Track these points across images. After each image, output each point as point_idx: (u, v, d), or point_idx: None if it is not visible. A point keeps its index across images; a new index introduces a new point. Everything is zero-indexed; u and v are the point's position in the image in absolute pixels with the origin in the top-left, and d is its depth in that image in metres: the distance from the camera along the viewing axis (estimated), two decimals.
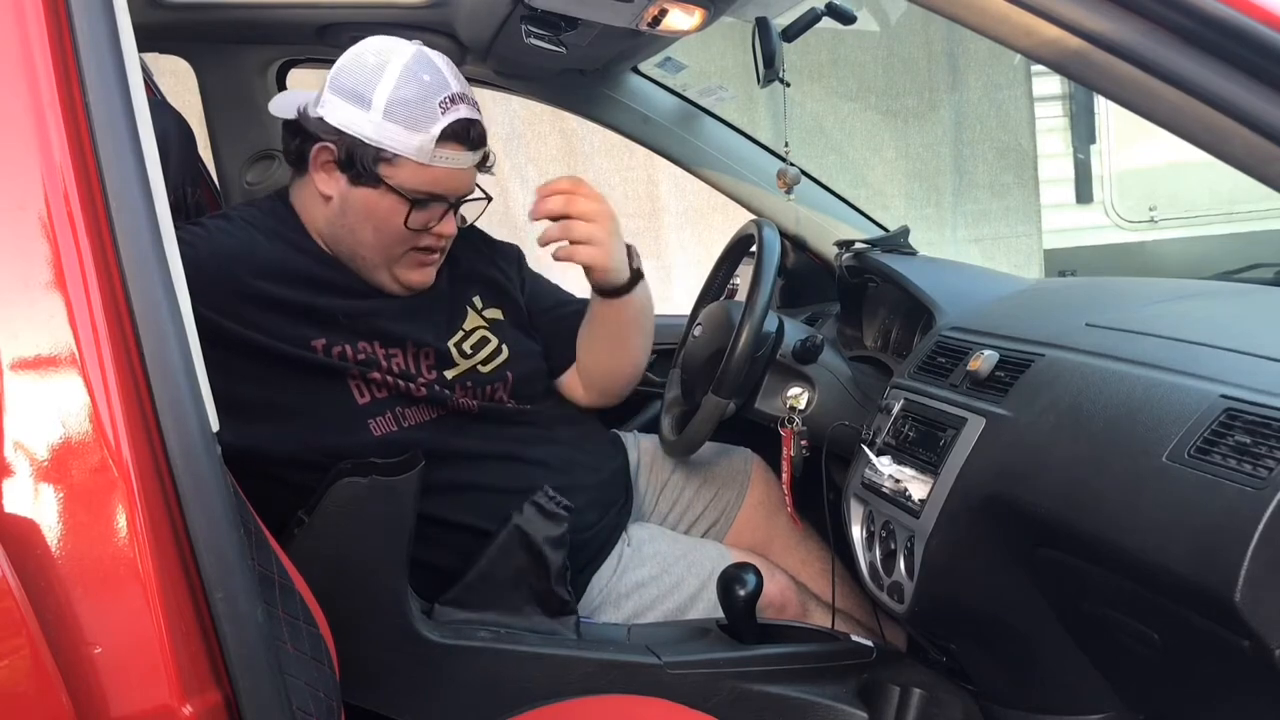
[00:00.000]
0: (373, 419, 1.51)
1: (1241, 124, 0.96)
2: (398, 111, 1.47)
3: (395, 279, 1.58)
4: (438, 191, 1.53)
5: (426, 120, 1.48)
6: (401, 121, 1.47)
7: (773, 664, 1.45)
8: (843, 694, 1.44)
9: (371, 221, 1.53)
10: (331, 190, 1.54)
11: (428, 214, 1.54)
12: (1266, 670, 0.96)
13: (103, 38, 0.87)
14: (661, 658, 1.42)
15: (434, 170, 1.51)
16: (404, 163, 1.49)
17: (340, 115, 1.49)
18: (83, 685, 0.83)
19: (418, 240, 1.56)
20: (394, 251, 1.56)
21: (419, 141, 1.48)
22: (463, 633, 1.41)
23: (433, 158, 1.49)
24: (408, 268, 1.58)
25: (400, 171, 1.50)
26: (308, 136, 1.53)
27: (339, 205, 1.54)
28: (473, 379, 1.61)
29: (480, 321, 1.68)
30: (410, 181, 1.51)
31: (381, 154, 1.49)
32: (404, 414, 1.54)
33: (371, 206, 1.52)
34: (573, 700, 1.36)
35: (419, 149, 1.48)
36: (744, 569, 1.51)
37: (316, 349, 1.50)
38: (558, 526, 1.47)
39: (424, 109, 1.48)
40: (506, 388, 1.64)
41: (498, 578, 1.46)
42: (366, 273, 1.58)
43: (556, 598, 1.47)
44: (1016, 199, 4.79)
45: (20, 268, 0.85)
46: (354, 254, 1.57)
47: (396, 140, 1.48)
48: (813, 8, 1.85)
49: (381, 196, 1.51)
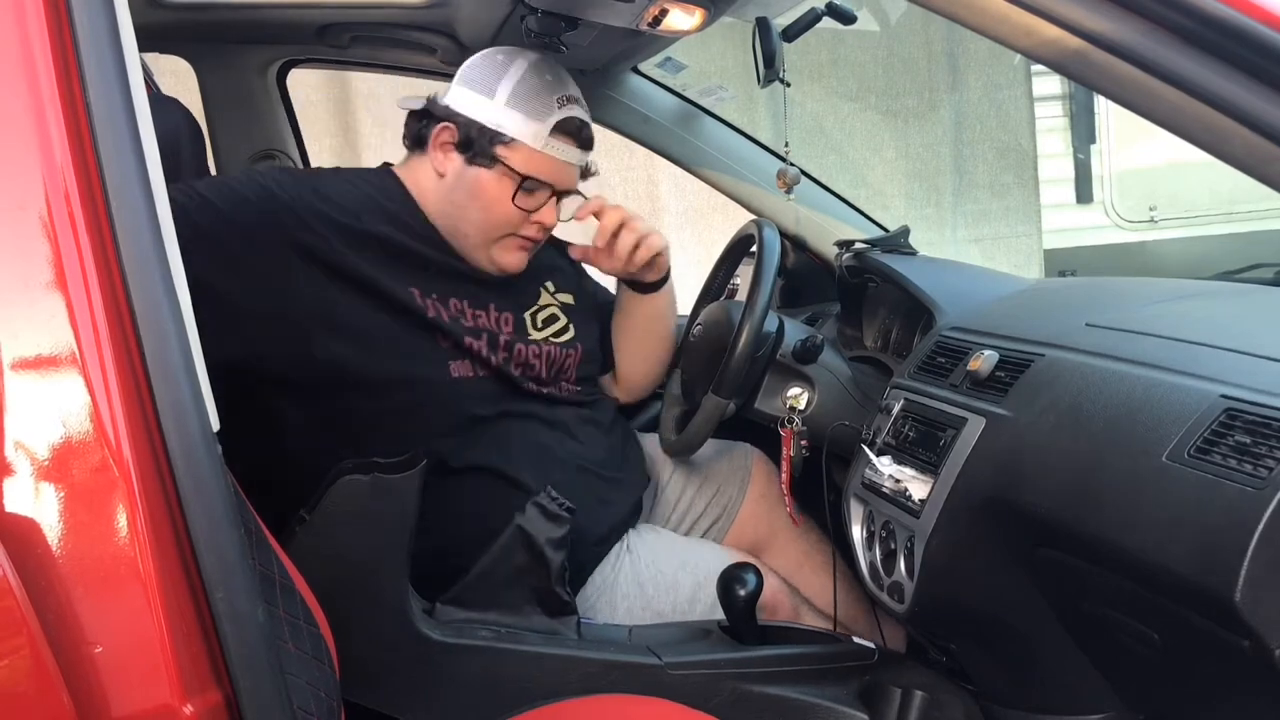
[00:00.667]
0: (454, 361, 1.61)
1: (1241, 124, 0.96)
2: (519, 101, 1.61)
3: (491, 260, 1.68)
4: (545, 179, 1.64)
5: (545, 111, 1.62)
6: (522, 110, 1.61)
7: (774, 665, 1.45)
8: (844, 696, 1.44)
9: (481, 200, 1.64)
10: (446, 169, 1.65)
11: (533, 199, 1.65)
12: (1266, 670, 0.96)
13: (103, 37, 0.87)
14: (662, 658, 1.42)
15: (545, 158, 1.63)
16: (519, 147, 1.62)
17: (465, 102, 1.63)
18: (83, 685, 0.83)
19: (520, 226, 1.66)
20: (495, 233, 1.66)
21: (535, 129, 1.61)
22: (464, 632, 1.41)
23: (546, 145, 1.62)
24: (505, 250, 1.68)
25: (515, 154, 1.62)
26: (431, 119, 1.65)
27: (452, 182, 1.65)
28: (547, 347, 1.70)
29: (553, 301, 1.79)
30: (522, 165, 1.62)
31: (500, 137, 1.61)
32: (478, 368, 1.63)
33: (483, 185, 1.63)
34: (573, 700, 1.36)
35: (535, 135, 1.61)
36: (744, 569, 1.51)
37: (414, 294, 1.59)
38: (559, 528, 1.48)
39: (543, 101, 1.62)
40: (575, 361, 1.74)
41: (499, 577, 1.46)
42: (466, 251, 1.67)
43: (557, 598, 1.48)
44: (1016, 199, 4.79)
45: (20, 267, 0.85)
46: (457, 230, 1.66)
47: (515, 125, 1.61)
48: (813, 8, 1.85)
49: (493, 177, 1.63)
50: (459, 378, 1.61)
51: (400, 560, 1.34)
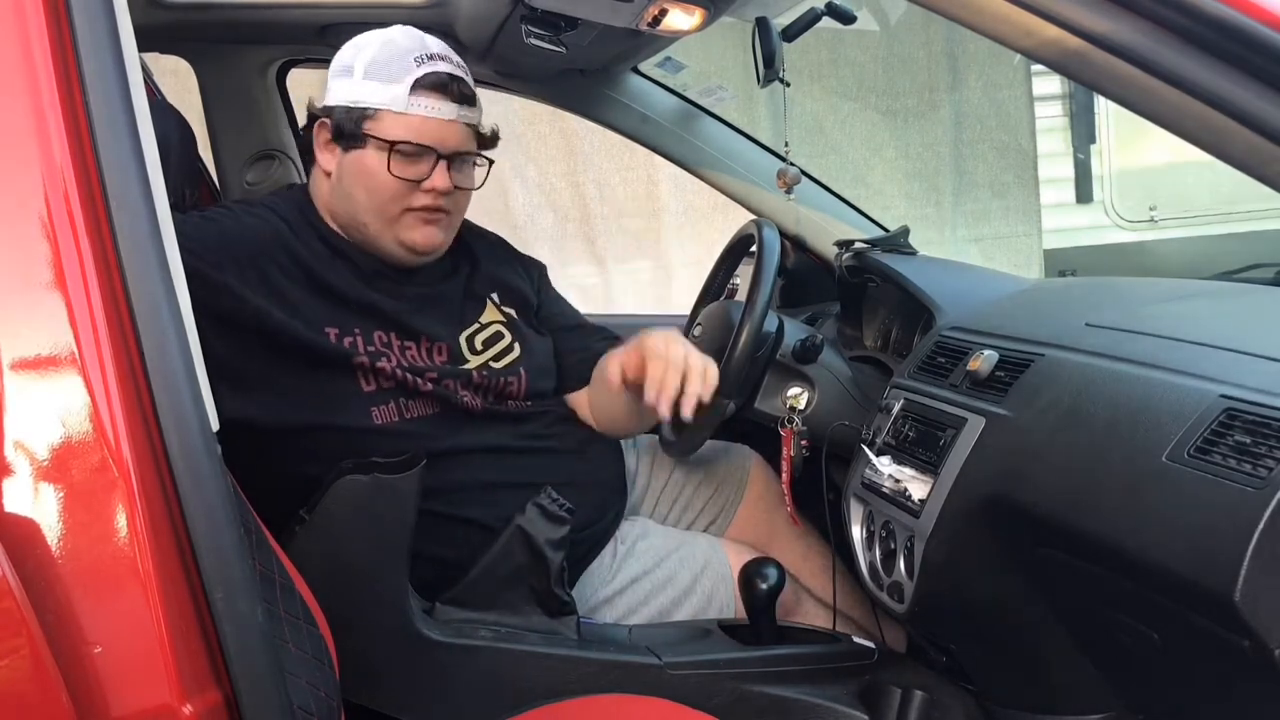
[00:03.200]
0: (376, 407, 1.53)
1: (1241, 124, 0.96)
2: (375, 70, 1.54)
3: (400, 242, 1.60)
4: (419, 141, 1.55)
5: (401, 72, 1.53)
6: (378, 78, 1.54)
7: (774, 665, 1.45)
8: (843, 695, 1.44)
9: (362, 180, 1.56)
10: (331, 165, 1.59)
11: (415, 166, 1.55)
12: (1266, 670, 0.96)
13: (103, 38, 0.87)
14: (662, 658, 1.42)
15: (411, 118, 1.54)
16: (383, 114, 1.54)
17: (333, 93, 1.58)
18: (83, 685, 0.83)
19: (411, 198, 1.57)
20: (390, 210, 1.57)
21: (394, 92, 1.53)
22: (463, 632, 1.41)
23: (408, 105, 1.54)
24: (409, 228, 1.59)
25: (380, 124, 1.54)
26: (312, 122, 1.60)
27: (338, 175, 1.59)
28: (486, 373, 1.62)
29: (498, 316, 1.70)
30: (390, 131, 1.54)
31: (365, 113, 1.54)
32: (407, 406, 1.55)
33: (360, 165, 1.56)
34: (573, 700, 1.36)
35: (394, 98, 1.53)
36: (765, 563, 1.51)
37: (330, 336, 1.52)
38: (559, 529, 1.48)
39: (399, 64, 1.54)
40: (520, 385, 1.65)
41: (498, 577, 1.46)
42: (373, 242, 1.60)
43: (556, 599, 1.47)
44: (1016, 199, 4.79)
45: (20, 268, 0.85)
46: (357, 222, 1.59)
47: (374, 95, 1.54)
48: (813, 8, 1.85)
49: (368, 154, 1.55)
50: (383, 425, 1.52)
51: (400, 560, 1.34)
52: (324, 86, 1.60)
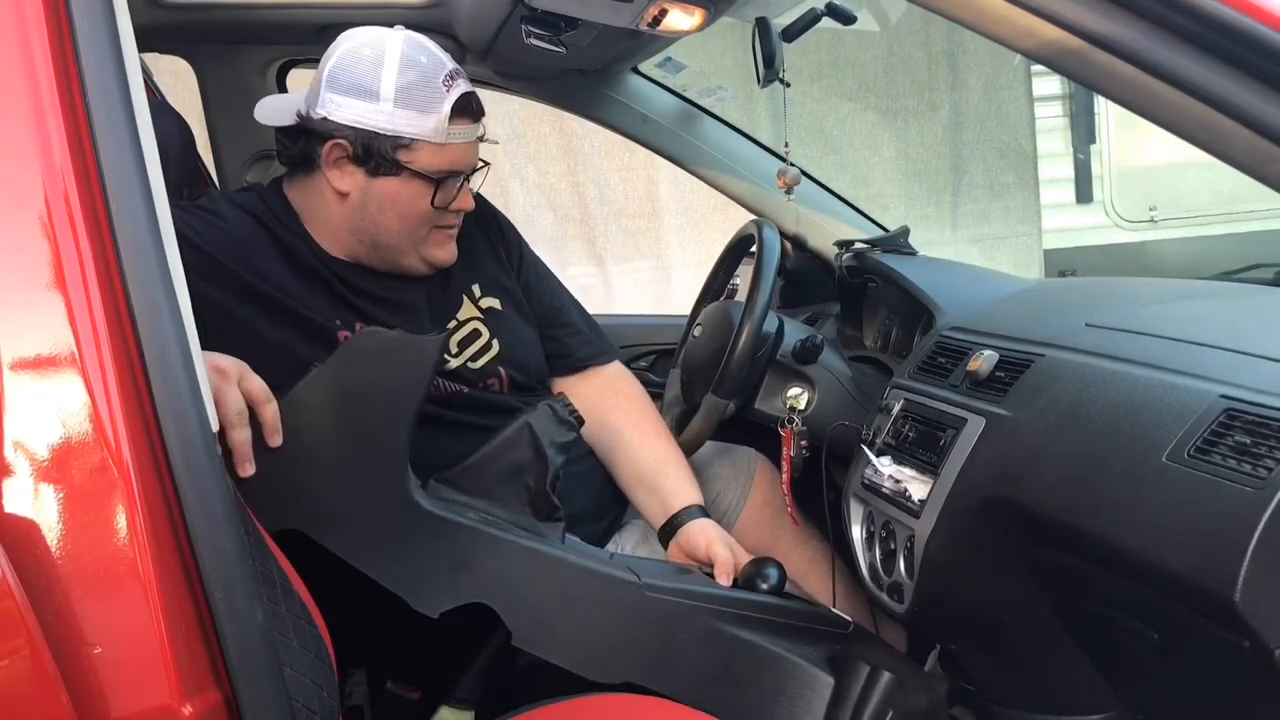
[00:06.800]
0: None
1: (1241, 124, 0.96)
2: (408, 97, 1.50)
3: (424, 260, 1.61)
4: (456, 169, 1.57)
5: (436, 100, 1.51)
6: (414, 106, 1.50)
7: (750, 609, 1.44)
8: (814, 656, 1.41)
9: (396, 209, 1.56)
10: (348, 186, 1.55)
11: (450, 192, 1.57)
12: (1266, 670, 0.96)
13: (103, 38, 0.87)
14: (641, 578, 1.41)
15: (450, 149, 1.54)
16: (422, 146, 1.52)
17: (348, 112, 1.51)
18: (83, 685, 0.83)
19: (440, 219, 1.59)
20: (419, 234, 1.59)
21: (434, 123, 1.51)
22: (451, 509, 1.38)
23: (448, 136, 1.53)
24: (434, 246, 1.61)
25: (420, 155, 1.53)
26: (313, 137, 1.55)
27: (359, 200, 1.55)
28: (465, 373, 1.62)
29: (474, 312, 1.68)
30: (431, 163, 1.54)
31: (399, 141, 1.52)
32: None
33: (394, 194, 1.55)
34: (573, 700, 1.35)
35: (434, 130, 1.51)
36: (764, 563, 1.50)
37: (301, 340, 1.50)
38: (566, 433, 1.46)
39: (431, 90, 1.51)
40: (501, 383, 1.65)
41: (497, 470, 1.43)
42: (392, 260, 1.60)
43: (549, 502, 1.45)
44: (1016, 199, 4.80)
45: (20, 268, 0.85)
46: (378, 243, 1.58)
47: (412, 125, 1.51)
48: (813, 8, 1.85)
49: (404, 183, 1.54)
50: None
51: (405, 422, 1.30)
52: (318, 90, 1.54)
